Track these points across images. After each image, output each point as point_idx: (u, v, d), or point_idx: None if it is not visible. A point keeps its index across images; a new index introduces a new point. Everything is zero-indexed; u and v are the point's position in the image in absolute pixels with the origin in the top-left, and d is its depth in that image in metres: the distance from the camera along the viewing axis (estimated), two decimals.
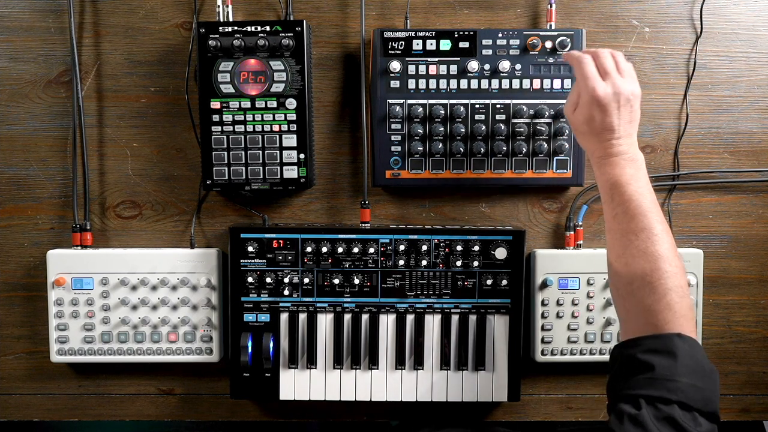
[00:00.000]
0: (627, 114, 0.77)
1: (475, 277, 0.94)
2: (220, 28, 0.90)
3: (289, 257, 0.93)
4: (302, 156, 0.92)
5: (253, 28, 0.90)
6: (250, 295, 0.94)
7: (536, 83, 0.93)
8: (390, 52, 0.93)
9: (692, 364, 0.65)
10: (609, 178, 0.76)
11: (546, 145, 0.94)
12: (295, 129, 0.92)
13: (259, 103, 0.91)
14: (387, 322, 0.95)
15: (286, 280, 0.93)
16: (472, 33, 0.92)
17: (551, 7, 0.93)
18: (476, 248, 0.93)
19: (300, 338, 0.94)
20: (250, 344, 0.93)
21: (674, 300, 0.68)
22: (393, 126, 0.94)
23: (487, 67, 0.93)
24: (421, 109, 0.93)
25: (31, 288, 0.99)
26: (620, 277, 0.72)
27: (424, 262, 0.93)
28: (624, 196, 0.74)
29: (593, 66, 0.78)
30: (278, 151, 0.92)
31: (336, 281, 0.93)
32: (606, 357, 0.93)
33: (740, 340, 1.01)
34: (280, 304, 0.94)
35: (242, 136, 0.92)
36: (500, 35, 0.92)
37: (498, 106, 0.93)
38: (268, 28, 0.90)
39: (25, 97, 0.97)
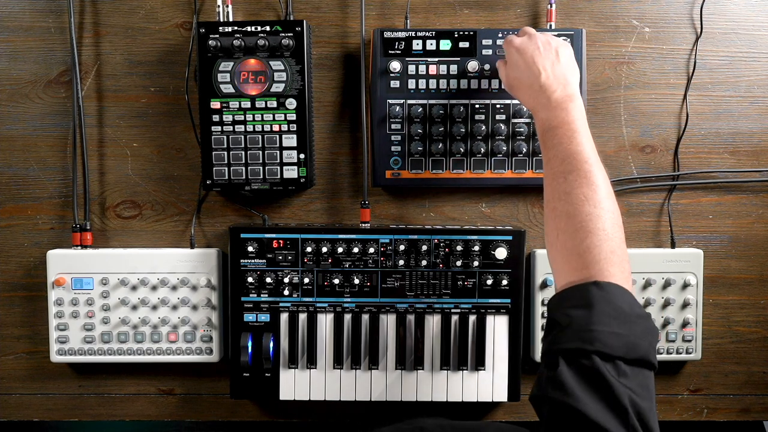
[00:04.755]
0: (551, 55, 0.79)
1: (475, 277, 0.94)
2: (220, 28, 0.90)
3: (289, 257, 0.93)
4: (302, 156, 0.92)
5: (253, 28, 0.90)
6: (250, 295, 0.94)
7: None
8: (390, 52, 0.93)
9: (611, 312, 0.61)
10: (542, 122, 0.76)
11: None
12: (295, 129, 0.92)
13: (259, 103, 0.91)
14: (387, 322, 0.95)
15: (286, 280, 0.93)
16: (472, 33, 0.92)
17: (551, 7, 0.93)
18: (476, 248, 0.93)
19: (300, 338, 0.95)
20: (250, 344, 0.93)
21: (595, 243, 0.65)
22: (393, 126, 0.94)
23: (487, 67, 0.93)
24: (421, 109, 0.93)
25: (31, 288, 0.99)
26: (548, 222, 0.71)
27: (424, 262, 0.93)
28: (554, 140, 0.73)
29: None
30: (278, 151, 0.92)
31: (336, 281, 0.93)
32: None
33: (740, 340, 1.01)
34: (280, 304, 0.94)
35: (242, 136, 0.92)
36: (500, 35, 0.92)
37: (498, 106, 0.93)
38: (268, 28, 0.90)
39: (25, 97, 0.97)
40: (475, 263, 0.93)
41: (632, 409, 0.57)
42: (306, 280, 0.93)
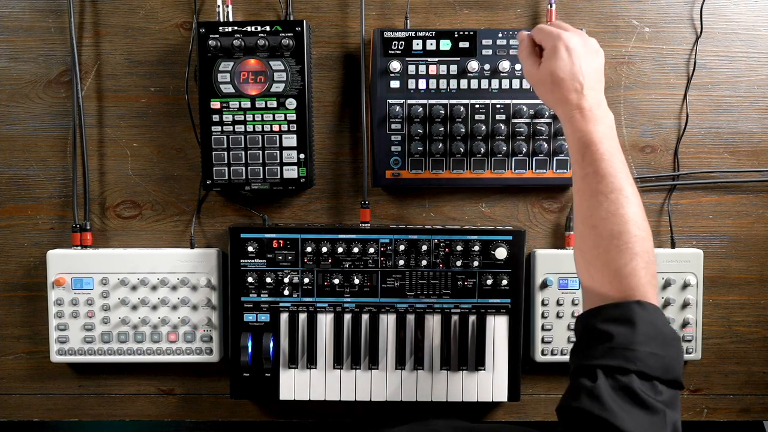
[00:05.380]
0: (594, 62, 0.75)
1: (475, 277, 0.94)
2: (220, 28, 0.90)
3: (289, 257, 0.93)
4: (302, 156, 0.92)
5: (253, 28, 0.90)
6: (250, 295, 0.94)
7: None
8: (390, 52, 0.93)
9: (652, 332, 0.63)
10: (581, 135, 0.72)
11: (546, 145, 0.94)
12: (295, 129, 0.92)
13: (259, 103, 0.91)
14: (387, 322, 0.95)
15: (286, 280, 0.93)
16: (472, 33, 0.92)
17: (551, 7, 0.93)
18: (476, 248, 0.93)
19: (300, 338, 0.95)
20: (250, 344, 0.93)
21: (640, 266, 0.66)
22: (393, 126, 0.94)
23: (487, 67, 0.93)
24: (421, 109, 0.93)
25: (31, 288, 0.99)
26: (586, 240, 0.70)
27: (424, 262, 0.93)
28: (596, 155, 0.70)
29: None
30: (278, 151, 0.92)
31: (336, 281, 0.93)
32: None
33: (740, 340, 1.01)
34: (280, 304, 0.94)
35: (242, 136, 0.92)
36: (500, 35, 0.92)
37: (498, 106, 0.94)
38: (268, 28, 0.90)
39: (25, 97, 0.97)
40: (475, 263, 0.93)
41: (670, 428, 0.59)
42: (306, 280, 0.93)
